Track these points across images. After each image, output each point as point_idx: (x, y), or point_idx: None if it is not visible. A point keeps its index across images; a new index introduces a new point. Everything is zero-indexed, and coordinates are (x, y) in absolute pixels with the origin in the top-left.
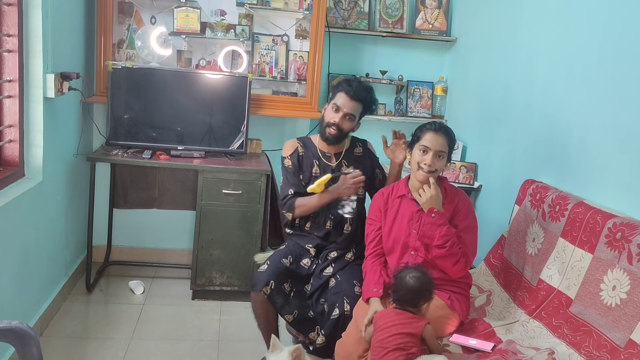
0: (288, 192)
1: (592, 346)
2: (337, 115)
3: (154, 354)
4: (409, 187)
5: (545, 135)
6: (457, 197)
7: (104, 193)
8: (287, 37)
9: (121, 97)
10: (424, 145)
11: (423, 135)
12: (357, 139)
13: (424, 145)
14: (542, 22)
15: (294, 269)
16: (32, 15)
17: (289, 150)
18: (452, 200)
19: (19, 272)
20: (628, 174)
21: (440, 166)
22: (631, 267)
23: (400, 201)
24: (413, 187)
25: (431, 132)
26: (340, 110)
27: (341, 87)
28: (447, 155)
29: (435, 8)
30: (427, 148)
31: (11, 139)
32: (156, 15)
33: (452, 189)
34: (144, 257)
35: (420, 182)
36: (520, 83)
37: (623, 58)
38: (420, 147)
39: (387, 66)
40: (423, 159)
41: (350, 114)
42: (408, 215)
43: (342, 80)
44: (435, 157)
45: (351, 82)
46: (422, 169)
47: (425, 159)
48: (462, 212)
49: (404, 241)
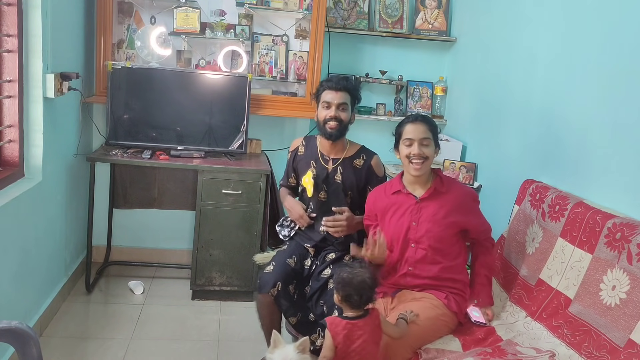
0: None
1: (592, 346)
2: (331, 110)
3: (153, 354)
4: (404, 183)
5: (545, 135)
6: (454, 187)
7: (104, 193)
8: (287, 37)
9: (121, 97)
10: (407, 138)
11: (403, 130)
12: (366, 149)
13: (407, 138)
14: (542, 22)
15: (298, 269)
16: (32, 15)
17: (292, 147)
18: (449, 189)
19: (18, 272)
20: (628, 174)
21: (429, 152)
22: (631, 267)
23: (396, 197)
24: (408, 182)
25: (409, 124)
26: (332, 104)
27: (322, 87)
28: (432, 141)
29: (435, 8)
30: (410, 140)
31: (11, 139)
32: (156, 15)
33: (447, 179)
34: (143, 257)
35: (414, 175)
36: (520, 83)
37: (623, 58)
38: (404, 142)
39: (387, 66)
40: (410, 151)
41: (341, 104)
42: (407, 209)
43: (321, 82)
44: (421, 145)
45: (328, 78)
46: (412, 160)
47: (412, 150)
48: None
49: (404, 235)
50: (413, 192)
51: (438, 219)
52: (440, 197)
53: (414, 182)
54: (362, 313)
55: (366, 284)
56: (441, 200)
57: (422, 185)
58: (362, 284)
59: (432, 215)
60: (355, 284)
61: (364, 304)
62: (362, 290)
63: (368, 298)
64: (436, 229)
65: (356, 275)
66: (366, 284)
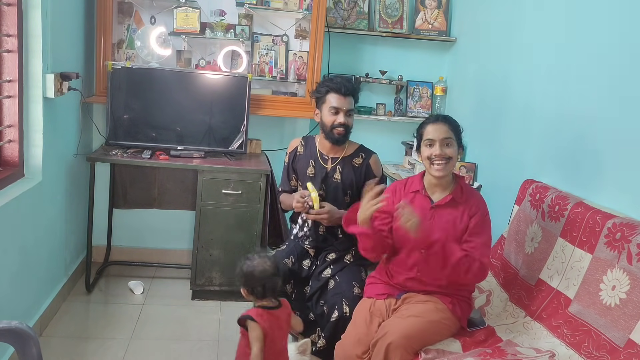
0: (280, 187)
1: (592, 346)
2: (340, 117)
3: (153, 354)
4: (424, 183)
5: (545, 135)
6: (472, 199)
7: (104, 193)
8: (287, 37)
9: (121, 97)
10: (429, 139)
11: (424, 130)
12: (365, 148)
13: (429, 139)
14: (542, 22)
15: (296, 269)
16: (32, 16)
17: (290, 148)
18: (467, 201)
19: (18, 272)
20: (628, 174)
21: (452, 153)
22: (631, 267)
23: (414, 196)
24: (428, 184)
25: (430, 124)
26: (341, 110)
27: (326, 87)
28: (455, 141)
29: (435, 8)
30: (432, 140)
31: (11, 139)
32: (156, 15)
33: (468, 189)
34: (143, 257)
35: (436, 178)
36: (520, 83)
37: (622, 58)
38: (426, 143)
39: (387, 66)
40: (432, 152)
41: (349, 110)
42: (421, 212)
43: (324, 82)
44: (443, 146)
45: (334, 80)
46: (435, 161)
47: (433, 150)
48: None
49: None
50: (431, 196)
51: (451, 229)
52: (456, 207)
53: (435, 185)
54: (277, 304)
55: (267, 273)
56: (456, 210)
57: (442, 189)
58: (264, 274)
59: (445, 223)
60: (257, 275)
61: (270, 293)
62: (265, 279)
63: (272, 287)
64: (448, 239)
65: (256, 267)
66: (267, 272)
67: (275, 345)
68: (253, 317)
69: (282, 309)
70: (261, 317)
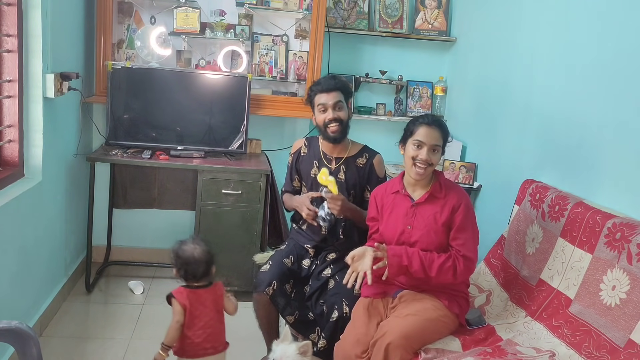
0: (284, 187)
1: (592, 346)
2: (328, 112)
3: (153, 354)
4: (404, 183)
5: (545, 135)
6: (452, 193)
7: (104, 193)
8: (287, 37)
9: (121, 97)
10: (418, 140)
11: (416, 130)
12: (369, 149)
13: (418, 139)
14: (542, 22)
15: (295, 269)
16: (32, 15)
17: (294, 149)
18: (447, 195)
19: (18, 272)
20: (628, 174)
21: (436, 160)
22: (631, 267)
23: (395, 197)
24: (407, 183)
25: (425, 126)
26: (327, 106)
27: (313, 92)
28: (441, 148)
29: (435, 8)
30: (421, 143)
31: (11, 139)
32: (156, 15)
33: (447, 183)
34: (143, 257)
35: (415, 179)
36: (520, 83)
37: (622, 58)
38: (414, 142)
39: (387, 66)
40: (418, 154)
41: (336, 103)
42: (403, 211)
43: (310, 87)
44: (430, 152)
45: (316, 82)
46: (418, 164)
47: (420, 153)
48: (460, 211)
49: (398, 237)
50: (412, 194)
51: (432, 224)
52: (436, 202)
53: (414, 184)
54: (205, 283)
55: (192, 259)
56: (437, 205)
57: (422, 187)
58: (189, 259)
59: (426, 220)
60: (182, 258)
61: (199, 276)
62: (189, 264)
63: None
64: (431, 235)
65: (185, 251)
66: (192, 258)
67: (198, 320)
68: (173, 295)
69: (209, 289)
70: (181, 294)
